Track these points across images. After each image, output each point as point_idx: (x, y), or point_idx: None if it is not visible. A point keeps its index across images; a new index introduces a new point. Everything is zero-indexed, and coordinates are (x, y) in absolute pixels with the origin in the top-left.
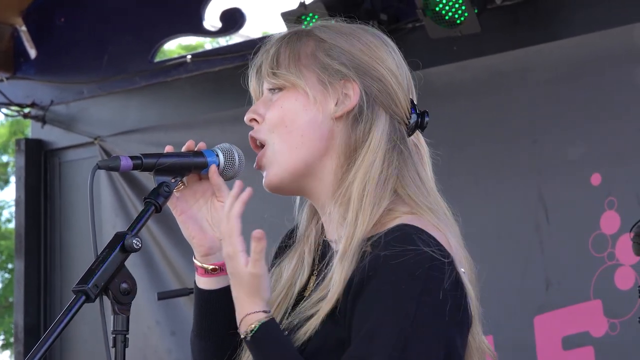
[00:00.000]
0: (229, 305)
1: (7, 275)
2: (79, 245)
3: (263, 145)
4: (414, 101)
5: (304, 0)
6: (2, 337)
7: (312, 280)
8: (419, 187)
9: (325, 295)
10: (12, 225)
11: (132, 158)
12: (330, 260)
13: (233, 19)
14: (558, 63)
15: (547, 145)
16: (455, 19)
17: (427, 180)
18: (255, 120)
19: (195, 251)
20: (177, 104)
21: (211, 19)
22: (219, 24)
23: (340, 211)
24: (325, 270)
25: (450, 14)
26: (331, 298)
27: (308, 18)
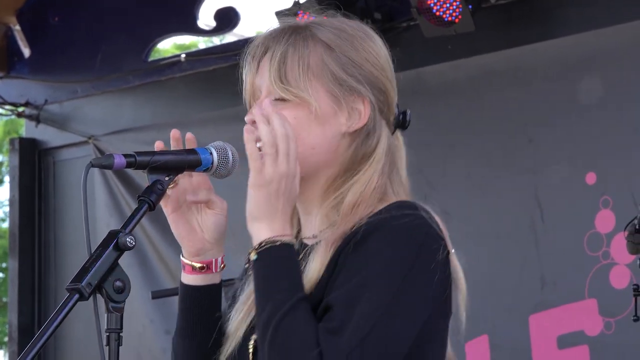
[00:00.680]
0: (213, 304)
1: (1, 274)
2: (74, 244)
3: None
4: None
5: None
6: None
7: None
8: (404, 189)
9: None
10: (6, 224)
11: (126, 156)
12: (309, 254)
13: (227, 18)
14: (553, 62)
15: (542, 144)
16: (450, 18)
17: (406, 181)
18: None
19: (184, 250)
20: (172, 103)
21: (205, 18)
22: (213, 23)
23: (326, 212)
24: (305, 264)
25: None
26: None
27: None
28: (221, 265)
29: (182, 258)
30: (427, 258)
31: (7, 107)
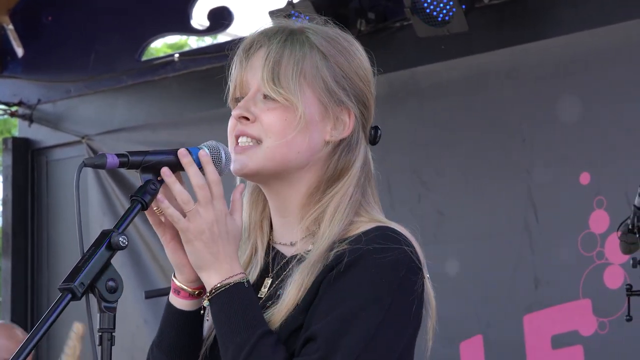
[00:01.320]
0: (202, 326)
1: None
2: (67, 244)
3: (254, 139)
4: None
5: None
6: None
7: (267, 281)
8: (375, 202)
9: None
10: None
11: (119, 155)
12: (288, 268)
13: (221, 18)
14: (546, 62)
15: (536, 144)
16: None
17: (375, 195)
18: (246, 118)
19: (183, 276)
20: (165, 102)
21: (199, 18)
22: (206, 23)
23: (305, 223)
24: (284, 277)
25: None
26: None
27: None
28: None
29: (177, 282)
30: (407, 292)
31: (0, 107)
